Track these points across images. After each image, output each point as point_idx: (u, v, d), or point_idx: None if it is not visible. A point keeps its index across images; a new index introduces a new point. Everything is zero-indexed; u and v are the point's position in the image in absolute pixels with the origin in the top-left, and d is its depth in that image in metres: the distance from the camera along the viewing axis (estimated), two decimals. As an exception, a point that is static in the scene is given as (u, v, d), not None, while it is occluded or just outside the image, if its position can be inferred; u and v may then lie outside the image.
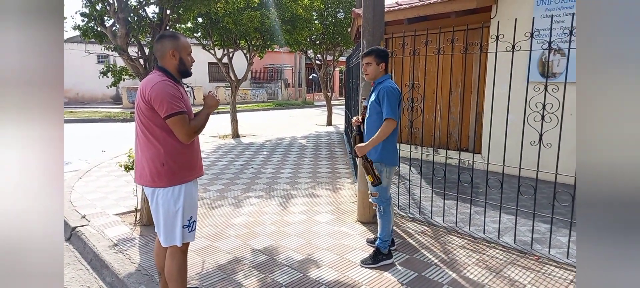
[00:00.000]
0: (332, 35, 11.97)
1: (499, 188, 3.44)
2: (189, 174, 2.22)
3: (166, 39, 2.19)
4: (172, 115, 2.06)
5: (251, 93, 25.23)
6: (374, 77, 3.02)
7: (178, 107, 2.07)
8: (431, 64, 6.51)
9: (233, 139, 9.91)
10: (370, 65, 2.98)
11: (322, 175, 5.97)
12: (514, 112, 3.66)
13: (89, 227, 3.85)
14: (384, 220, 3.06)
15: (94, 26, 3.87)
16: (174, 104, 2.06)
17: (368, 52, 3.02)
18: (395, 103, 2.86)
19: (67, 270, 3.22)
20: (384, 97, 2.85)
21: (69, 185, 5.37)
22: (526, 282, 2.77)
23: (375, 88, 3.01)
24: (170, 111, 2.05)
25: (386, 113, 2.83)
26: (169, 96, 2.06)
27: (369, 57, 2.98)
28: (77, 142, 9.66)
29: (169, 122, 2.07)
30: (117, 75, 4.02)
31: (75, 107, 19.42)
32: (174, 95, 2.08)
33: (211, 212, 4.26)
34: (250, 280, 2.81)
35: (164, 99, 2.05)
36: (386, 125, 2.82)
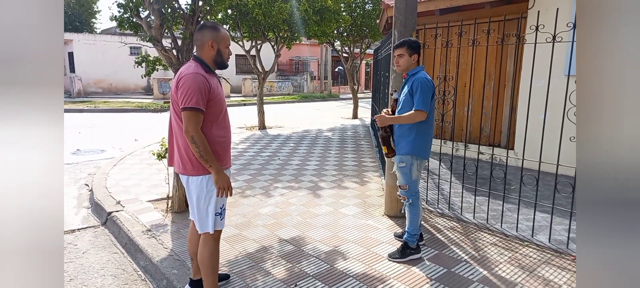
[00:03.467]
0: (359, 27, 11.84)
1: (534, 186, 3.32)
2: (220, 164, 2.24)
3: (207, 30, 2.20)
4: (188, 108, 2.04)
5: (277, 85, 25.41)
6: (406, 69, 2.98)
7: (197, 102, 2.04)
8: (464, 57, 6.33)
9: (259, 130, 10.01)
10: (403, 57, 2.95)
11: (349, 168, 5.95)
12: (552, 107, 3.51)
13: (124, 212, 3.99)
14: (412, 214, 3.02)
15: (129, 17, 3.98)
16: (194, 98, 2.04)
17: (400, 43, 2.99)
18: (428, 95, 2.82)
19: (103, 253, 3.35)
20: (417, 88, 2.82)
21: (104, 172, 5.58)
22: (562, 282, 2.67)
23: (408, 80, 2.97)
24: (188, 104, 2.04)
25: (417, 104, 2.81)
26: (195, 89, 2.05)
27: (402, 48, 2.95)
28: (111, 131, 10.02)
29: (183, 112, 2.06)
30: (151, 65, 4.12)
31: (109, 97, 20.15)
32: (200, 89, 2.06)
33: (240, 201, 4.32)
34: (278, 269, 2.84)
35: (188, 90, 2.05)
36: (415, 115, 2.82)
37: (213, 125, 2.20)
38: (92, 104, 16.09)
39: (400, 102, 2.98)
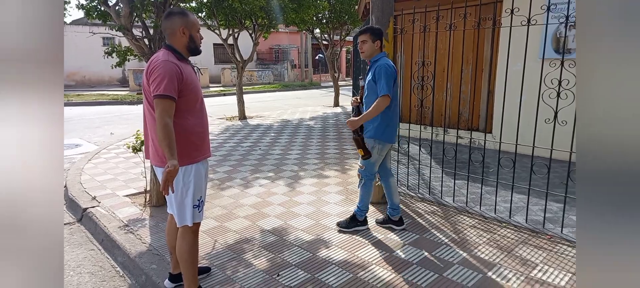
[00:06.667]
0: (338, 14, 11.75)
1: (511, 168, 3.38)
2: (197, 155, 2.19)
3: (175, 16, 2.12)
4: (158, 96, 1.96)
5: (257, 74, 25.09)
6: (370, 55, 3.06)
7: (166, 89, 1.97)
8: (442, 42, 6.36)
9: (240, 120, 9.88)
10: (366, 43, 3.03)
11: (330, 156, 5.94)
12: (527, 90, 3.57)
13: (100, 208, 3.88)
14: (363, 192, 3.24)
15: (97, 5, 3.81)
16: (163, 85, 1.96)
17: (363, 30, 3.07)
18: (391, 80, 2.90)
19: (80, 250, 3.25)
20: (380, 74, 2.90)
21: (78, 168, 5.40)
22: (538, 261, 2.74)
23: (371, 67, 3.06)
24: (158, 91, 1.96)
25: (381, 90, 2.89)
26: (164, 76, 1.97)
27: (365, 35, 3.03)
28: (85, 125, 9.71)
29: (155, 100, 1.98)
30: (122, 55, 3.97)
31: (83, 90, 19.51)
32: (171, 77, 1.99)
33: (220, 193, 4.26)
34: (260, 260, 2.81)
35: (157, 77, 1.98)
36: (380, 101, 2.88)
37: (188, 114, 2.13)
38: (66, 97, 15.54)
39: (366, 90, 3.06)
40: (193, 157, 2.16)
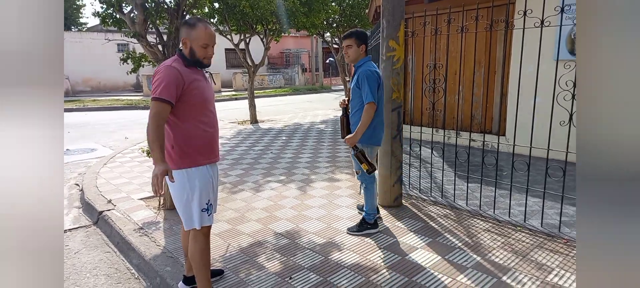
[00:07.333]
0: (349, 18, 11.77)
1: (525, 171, 3.33)
2: (203, 158, 2.20)
3: (183, 26, 2.18)
4: (155, 99, 2.00)
5: (268, 78, 25.24)
6: (355, 60, 3.08)
7: (162, 93, 2.00)
8: (453, 44, 6.32)
9: (251, 124, 9.95)
10: (351, 48, 3.05)
11: (341, 159, 5.94)
12: (542, 92, 3.52)
13: (115, 211, 3.95)
14: (367, 196, 3.25)
15: (112, 12, 3.89)
16: (159, 89, 2.00)
17: (348, 34, 3.08)
18: (374, 86, 2.92)
19: (95, 252, 3.31)
20: (363, 81, 2.92)
21: (94, 171, 5.51)
22: (554, 265, 2.69)
23: (355, 72, 3.07)
24: (155, 94, 2.01)
25: (366, 97, 2.91)
26: (163, 80, 2.01)
27: (350, 39, 3.04)
28: (101, 130, 9.89)
29: (151, 102, 2.03)
30: (137, 61, 4.05)
31: (98, 96, 19.87)
32: (170, 82, 2.01)
33: (232, 197, 4.30)
34: (273, 263, 2.82)
35: (157, 80, 2.03)
36: (368, 109, 2.91)
37: (193, 118, 2.15)
38: (81, 103, 15.86)
39: (351, 94, 3.10)
40: (197, 161, 2.18)
